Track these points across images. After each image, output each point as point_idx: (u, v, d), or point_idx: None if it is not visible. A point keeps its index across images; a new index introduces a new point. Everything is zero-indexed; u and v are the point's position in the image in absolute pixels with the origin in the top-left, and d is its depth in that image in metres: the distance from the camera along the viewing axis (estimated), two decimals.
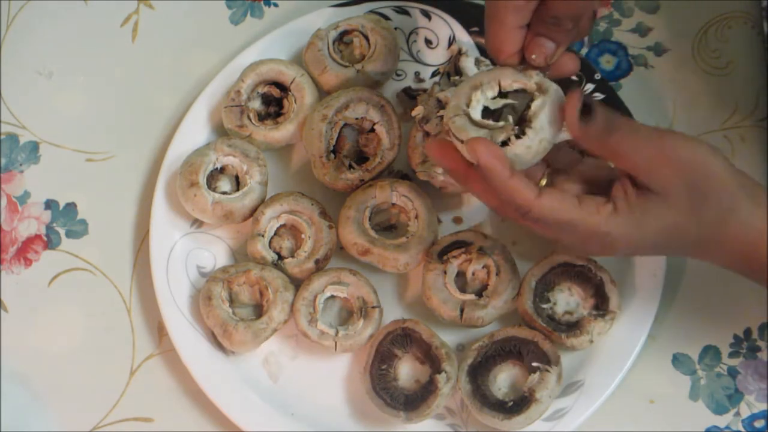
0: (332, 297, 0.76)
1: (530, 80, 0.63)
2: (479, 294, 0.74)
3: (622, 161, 0.62)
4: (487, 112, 0.64)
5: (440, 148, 0.64)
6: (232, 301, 0.76)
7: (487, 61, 0.79)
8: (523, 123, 0.62)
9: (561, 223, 0.61)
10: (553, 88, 0.63)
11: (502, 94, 0.64)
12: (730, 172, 0.62)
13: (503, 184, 0.60)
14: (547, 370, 0.71)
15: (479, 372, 0.73)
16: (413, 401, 0.72)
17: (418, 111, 0.76)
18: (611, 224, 0.61)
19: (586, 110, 0.61)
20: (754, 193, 0.62)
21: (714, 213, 0.61)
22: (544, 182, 0.65)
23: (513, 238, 0.78)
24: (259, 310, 0.77)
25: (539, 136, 0.61)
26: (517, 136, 0.61)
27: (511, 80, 0.64)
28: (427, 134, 0.75)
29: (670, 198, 0.61)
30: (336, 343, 0.74)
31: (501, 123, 0.62)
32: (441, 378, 0.71)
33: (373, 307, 0.75)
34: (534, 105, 0.62)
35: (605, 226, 0.61)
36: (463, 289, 0.75)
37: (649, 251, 0.65)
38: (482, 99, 0.64)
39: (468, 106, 0.63)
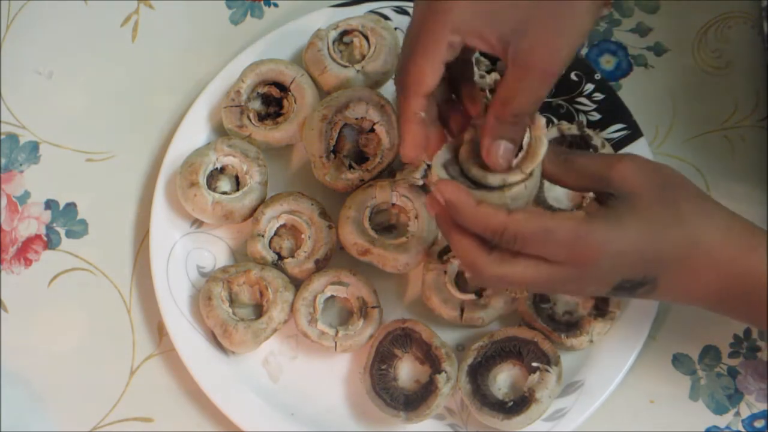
0: (332, 297, 0.76)
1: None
2: (479, 294, 0.74)
3: (582, 175, 0.63)
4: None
5: (430, 200, 0.63)
6: (232, 301, 0.76)
7: (487, 62, 0.79)
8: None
9: (540, 232, 0.59)
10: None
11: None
12: (690, 181, 0.63)
13: (473, 212, 0.60)
14: (547, 370, 0.71)
15: (479, 372, 0.73)
16: (413, 401, 0.72)
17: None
18: (590, 225, 0.59)
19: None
20: (722, 206, 0.63)
21: (693, 212, 0.61)
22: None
23: None
24: (259, 310, 0.77)
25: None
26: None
27: None
28: None
29: (637, 194, 0.60)
30: (336, 343, 0.74)
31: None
32: (441, 378, 0.71)
33: (373, 307, 0.75)
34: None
35: (584, 227, 0.59)
36: (463, 289, 0.74)
37: (635, 261, 0.61)
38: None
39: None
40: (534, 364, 0.71)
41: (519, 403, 0.70)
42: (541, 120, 0.62)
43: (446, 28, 0.60)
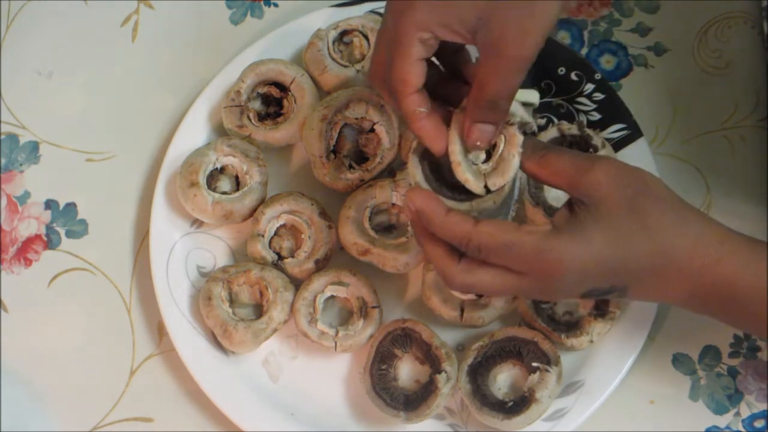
0: (332, 297, 0.76)
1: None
2: (479, 294, 0.74)
3: (556, 172, 0.62)
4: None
5: (406, 209, 0.63)
6: (232, 301, 0.76)
7: None
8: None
9: (502, 245, 0.60)
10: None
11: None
12: (672, 191, 0.62)
13: (441, 220, 0.61)
14: (547, 370, 0.71)
15: (479, 372, 0.73)
16: (413, 401, 0.72)
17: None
18: (552, 240, 0.60)
19: (523, 130, 0.63)
20: (700, 213, 0.62)
21: (661, 221, 0.60)
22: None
23: None
24: (259, 310, 0.77)
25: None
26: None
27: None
28: None
29: (606, 203, 0.60)
30: (336, 343, 0.74)
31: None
32: (441, 378, 0.71)
33: (373, 307, 0.75)
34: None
35: (546, 243, 0.59)
36: None
37: (600, 271, 0.60)
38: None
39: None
40: (534, 364, 0.71)
41: (519, 403, 0.70)
42: (518, 138, 0.63)
43: (413, 27, 0.61)
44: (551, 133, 0.77)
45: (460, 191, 0.64)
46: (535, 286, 0.61)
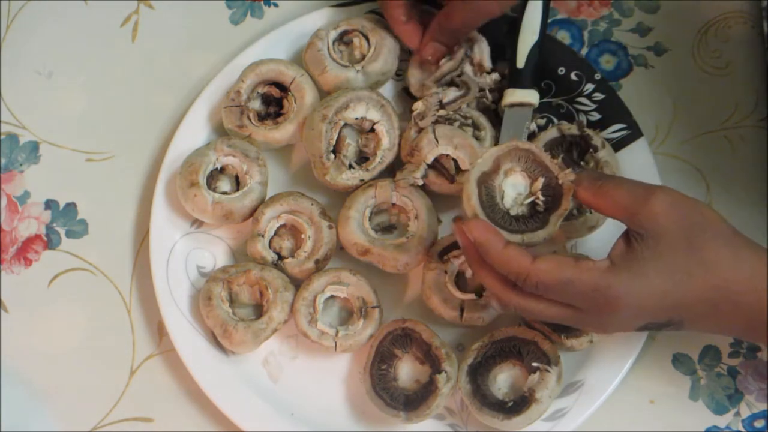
0: (332, 297, 0.76)
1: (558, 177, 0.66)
2: (479, 294, 0.74)
3: (614, 204, 0.62)
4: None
5: (459, 231, 0.64)
6: (232, 301, 0.76)
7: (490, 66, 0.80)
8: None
9: (559, 283, 0.61)
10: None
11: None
12: (727, 223, 0.62)
13: (499, 254, 0.62)
14: (547, 370, 0.71)
15: (479, 372, 0.73)
16: (413, 401, 0.72)
17: (417, 106, 0.76)
18: (610, 277, 0.60)
19: (574, 163, 0.67)
20: (753, 245, 0.62)
21: (717, 255, 0.60)
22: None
23: None
24: (259, 310, 0.77)
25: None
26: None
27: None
28: (420, 130, 0.76)
29: (664, 238, 0.60)
30: (336, 343, 0.74)
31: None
32: (441, 378, 0.71)
33: (373, 307, 0.75)
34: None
35: (604, 280, 0.60)
36: (463, 289, 0.74)
37: (658, 304, 0.61)
38: (511, 193, 0.67)
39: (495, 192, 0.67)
40: (534, 364, 0.71)
41: (519, 403, 0.70)
42: (569, 187, 0.65)
43: None
44: (551, 133, 0.77)
45: (513, 221, 0.65)
46: (591, 320, 0.63)
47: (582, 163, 0.76)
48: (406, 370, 0.74)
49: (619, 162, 0.76)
